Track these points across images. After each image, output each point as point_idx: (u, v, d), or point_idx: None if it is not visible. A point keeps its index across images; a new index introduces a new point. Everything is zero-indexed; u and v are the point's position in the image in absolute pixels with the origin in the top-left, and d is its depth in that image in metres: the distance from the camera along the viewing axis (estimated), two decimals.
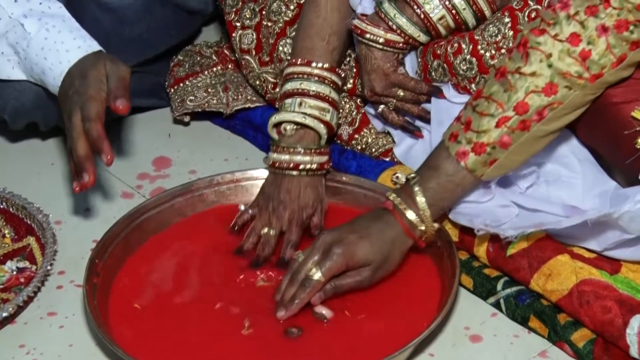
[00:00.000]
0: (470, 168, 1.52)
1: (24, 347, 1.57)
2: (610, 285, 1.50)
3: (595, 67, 1.47)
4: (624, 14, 1.45)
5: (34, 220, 1.76)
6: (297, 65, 1.74)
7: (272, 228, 1.67)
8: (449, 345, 1.54)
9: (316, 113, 1.71)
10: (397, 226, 1.55)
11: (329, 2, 1.75)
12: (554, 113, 1.49)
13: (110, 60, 1.64)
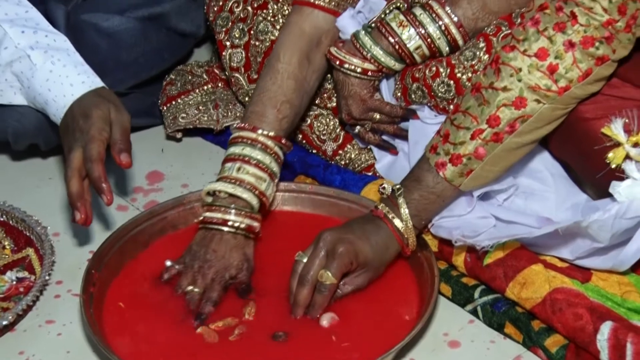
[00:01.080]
0: (449, 178, 1.53)
1: (23, 354, 1.56)
2: (581, 294, 1.50)
3: (562, 81, 1.47)
4: (591, 31, 1.46)
5: (32, 232, 1.76)
6: (244, 129, 1.67)
7: (197, 286, 1.59)
8: (429, 351, 1.54)
9: (252, 180, 1.63)
10: (389, 231, 1.56)
11: (286, 70, 1.70)
12: (525, 126, 1.50)
13: (115, 106, 1.64)
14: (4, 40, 1.70)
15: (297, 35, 1.73)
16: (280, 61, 1.71)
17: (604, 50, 1.47)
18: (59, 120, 1.66)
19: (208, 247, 1.62)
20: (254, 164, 1.63)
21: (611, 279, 1.55)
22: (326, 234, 1.54)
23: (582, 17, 1.45)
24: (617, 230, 1.45)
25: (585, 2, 1.45)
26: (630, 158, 1.49)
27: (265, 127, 1.66)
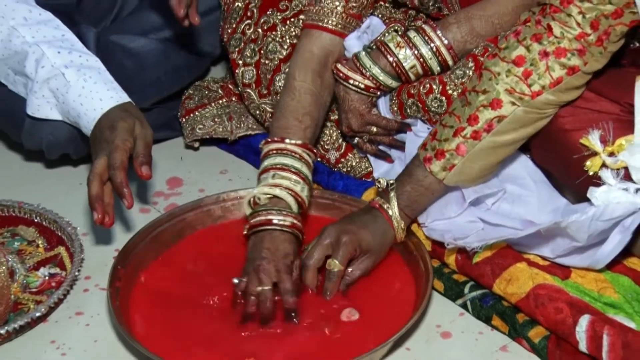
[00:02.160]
0: (434, 172, 1.54)
1: (54, 343, 1.57)
2: (562, 289, 1.50)
3: (535, 85, 1.48)
4: (564, 43, 1.46)
5: (64, 232, 1.76)
6: (272, 142, 1.66)
7: (264, 285, 1.53)
8: (423, 341, 1.54)
9: (286, 183, 1.60)
10: (384, 220, 1.58)
11: (302, 87, 1.70)
12: (501, 126, 1.51)
13: (139, 121, 1.64)
14: (42, 59, 1.70)
15: (308, 57, 1.74)
16: (296, 80, 1.71)
17: (575, 61, 1.47)
18: (89, 132, 1.67)
19: (261, 248, 1.57)
20: (286, 170, 1.63)
21: (589, 276, 1.55)
22: (330, 228, 1.56)
23: (557, 30, 1.46)
24: (593, 231, 1.45)
25: (561, 16, 1.46)
26: (606, 166, 1.49)
27: (291, 137, 1.66)
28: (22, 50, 1.72)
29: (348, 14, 1.74)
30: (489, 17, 1.71)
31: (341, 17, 1.74)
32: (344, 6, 1.73)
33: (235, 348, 1.50)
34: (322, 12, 1.74)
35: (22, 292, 1.64)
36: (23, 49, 1.71)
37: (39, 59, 1.70)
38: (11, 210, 1.82)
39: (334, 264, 1.54)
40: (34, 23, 1.73)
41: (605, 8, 1.44)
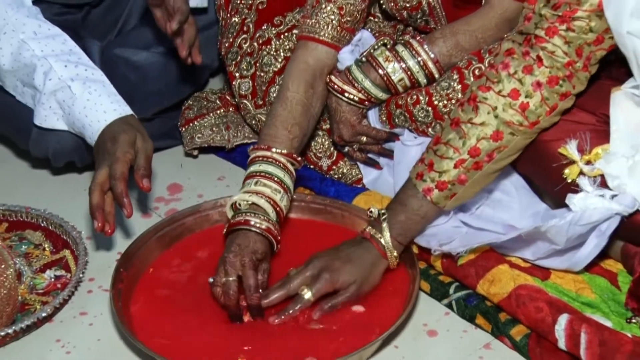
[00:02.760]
0: (435, 201, 1.52)
1: (59, 342, 1.56)
2: (541, 290, 1.50)
3: (532, 116, 1.48)
4: (554, 71, 1.46)
5: (69, 236, 1.76)
6: (260, 149, 1.65)
7: (229, 276, 1.51)
8: (411, 339, 1.54)
9: (267, 192, 1.59)
10: (375, 251, 1.55)
11: (294, 97, 1.69)
12: (501, 155, 1.50)
13: (141, 134, 1.64)
14: (50, 72, 1.71)
15: (302, 68, 1.73)
16: (289, 90, 1.70)
17: (567, 87, 1.47)
18: (93, 142, 1.67)
19: (234, 242, 1.55)
20: (269, 178, 1.61)
21: (567, 277, 1.55)
22: (316, 260, 1.54)
23: (547, 60, 1.46)
24: (571, 235, 1.46)
25: (548, 47, 1.45)
26: (584, 174, 1.49)
27: (278, 146, 1.65)
28: (31, 63, 1.72)
29: (343, 27, 1.74)
30: (473, 31, 1.72)
31: (336, 31, 1.74)
32: (339, 20, 1.73)
33: (227, 346, 1.50)
34: (318, 25, 1.74)
35: (29, 293, 1.64)
36: (32, 62, 1.72)
37: (47, 71, 1.70)
38: (19, 215, 1.82)
39: (305, 291, 1.52)
40: (43, 37, 1.73)
41: (587, 37, 1.45)
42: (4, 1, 1.74)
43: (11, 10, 1.73)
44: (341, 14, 1.73)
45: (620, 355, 1.37)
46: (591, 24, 1.43)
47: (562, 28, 1.44)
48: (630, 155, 1.47)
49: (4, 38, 1.73)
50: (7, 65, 1.75)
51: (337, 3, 1.73)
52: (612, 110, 1.51)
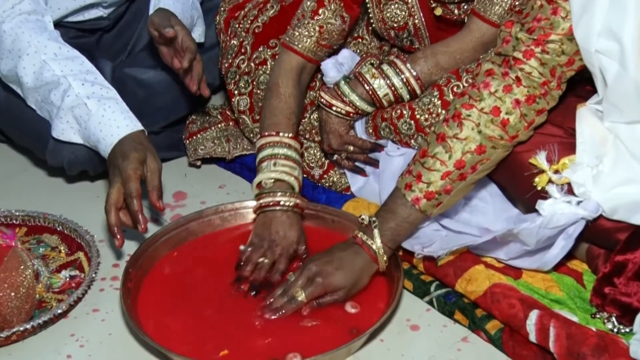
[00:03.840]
0: (423, 210, 1.52)
1: (74, 336, 1.56)
2: (514, 288, 1.51)
3: (512, 131, 1.48)
4: (532, 90, 1.46)
5: (83, 239, 1.75)
6: (268, 136, 1.72)
7: (267, 259, 1.62)
8: (395, 333, 1.54)
9: (287, 170, 1.68)
10: (365, 256, 1.55)
11: (286, 92, 1.76)
12: (483, 166, 1.50)
13: (151, 153, 1.65)
14: (68, 90, 1.71)
15: (288, 68, 1.78)
16: (280, 86, 1.76)
17: (542, 104, 1.48)
18: (106, 155, 1.68)
19: (270, 229, 1.64)
20: (284, 158, 1.69)
21: (537, 277, 1.55)
22: (311, 265, 1.54)
23: (525, 80, 1.46)
24: (541, 237, 1.46)
25: (525, 68, 1.46)
26: (552, 182, 1.50)
27: (284, 131, 1.71)
28: (51, 81, 1.72)
29: (320, 44, 1.77)
30: (452, 52, 1.72)
31: (314, 45, 1.78)
32: (317, 37, 1.77)
33: (222, 338, 1.50)
34: (300, 37, 1.77)
35: (45, 291, 1.64)
36: (53, 80, 1.72)
37: (66, 89, 1.71)
38: (37, 220, 1.81)
39: (299, 294, 1.52)
40: (63, 58, 1.74)
41: (560, 59, 1.45)
42: (28, 26, 1.74)
43: (35, 34, 1.74)
44: (320, 31, 1.76)
45: (585, 348, 1.37)
46: (563, 46, 1.44)
47: (538, 50, 1.44)
48: (595, 165, 1.48)
49: (27, 59, 1.73)
50: (29, 82, 1.75)
51: (319, 22, 1.76)
52: (578, 124, 1.52)
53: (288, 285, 1.54)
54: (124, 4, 2.08)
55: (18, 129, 1.99)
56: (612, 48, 1.39)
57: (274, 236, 1.64)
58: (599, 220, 1.47)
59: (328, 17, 1.76)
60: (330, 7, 1.76)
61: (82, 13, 1.98)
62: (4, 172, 2.09)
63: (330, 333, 1.49)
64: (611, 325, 1.44)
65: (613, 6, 1.37)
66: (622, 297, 1.43)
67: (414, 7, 1.77)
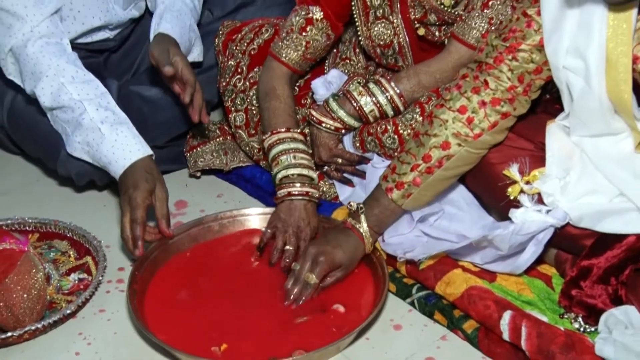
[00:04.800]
0: (394, 199, 1.54)
1: (82, 335, 1.56)
2: (489, 290, 1.51)
3: (476, 129, 1.49)
4: (498, 94, 1.48)
5: (90, 244, 1.75)
6: (280, 133, 1.72)
7: (291, 245, 1.65)
8: (380, 332, 1.54)
9: (307, 162, 1.70)
10: (355, 237, 1.57)
11: (283, 94, 1.77)
12: (449, 163, 1.51)
13: (159, 183, 1.66)
14: (84, 113, 1.71)
15: (279, 74, 1.80)
16: (278, 89, 1.78)
17: (507, 108, 1.49)
18: (117, 176, 1.69)
19: (296, 216, 1.67)
20: (301, 151, 1.71)
21: (510, 280, 1.55)
22: (310, 248, 1.56)
23: (492, 83, 1.48)
24: (513, 243, 1.47)
25: (494, 72, 1.47)
26: (524, 192, 1.51)
27: (292, 127, 1.73)
28: (68, 105, 1.72)
29: (305, 57, 1.79)
30: (432, 72, 1.73)
31: (299, 58, 1.80)
32: (303, 51, 1.78)
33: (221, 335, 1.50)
34: (286, 49, 1.78)
35: (56, 293, 1.63)
36: (69, 104, 1.72)
37: (81, 113, 1.71)
38: (48, 227, 1.81)
39: (311, 278, 1.54)
40: (79, 82, 1.74)
41: (529, 66, 1.47)
42: (49, 50, 1.73)
43: (54, 58, 1.73)
44: (307, 46, 1.77)
45: (554, 346, 1.37)
46: (532, 55, 1.46)
47: (508, 57, 1.46)
48: (562, 176, 1.49)
49: (46, 80, 1.73)
50: (47, 102, 1.75)
51: (306, 38, 1.77)
52: (547, 139, 1.53)
53: (297, 274, 1.55)
54: (129, 27, 2.08)
55: (31, 142, 1.98)
56: (578, 65, 1.41)
57: (300, 222, 1.66)
58: (567, 227, 1.48)
59: (315, 34, 1.77)
60: (317, 26, 1.77)
61: (90, 35, 1.97)
62: (17, 182, 2.09)
63: (322, 331, 1.49)
64: (578, 325, 1.44)
65: (580, 27, 1.39)
66: (587, 299, 1.44)
67: (399, 27, 1.78)
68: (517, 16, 1.47)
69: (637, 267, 1.41)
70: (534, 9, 1.45)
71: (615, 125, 1.46)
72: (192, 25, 1.94)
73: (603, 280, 1.43)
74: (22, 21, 1.71)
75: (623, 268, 1.42)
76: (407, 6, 1.75)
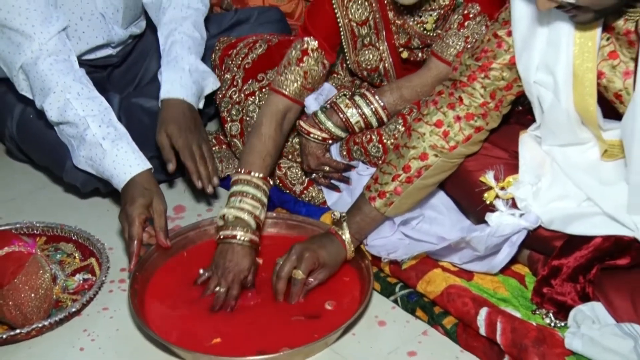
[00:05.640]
0: (377, 207, 1.54)
1: (86, 331, 1.56)
2: (467, 288, 1.51)
3: (452, 142, 1.50)
4: (472, 109, 1.49)
5: (94, 247, 1.75)
6: (241, 173, 1.65)
7: (222, 287, 1.56)
8: (365, 328, 1.54)
9: (250, 209, 1.60)
10: (338, 243, 1.56)
11: (267, 134, 1.70)
12: (428, 172, 1.51)
13: (157, 196, 1.65)
14: (87, 129, 1.71)
15: (274, 111, 1.73)
16: (263, 126, 1.70)
17: (480, 122, 1.50)
18: (119, 188, 1.68)
19: (225, 257, 1.58)
20: (250, 197, 1.62)
21: (486, 278, 1.56)
22: (296, 245, 1.55)
23: (466, 100, 1.49)
24: (489, 244, 1.47)
25: (468, 89, 1.48)
26: (499, 197, 1.52)
27: (256, 171, 1.65)
28: (73, 121, 1.72)
29: (304, 88, 1.76)
30: (413, 87, 1.74)
31: (298, 89, 1.75)
32: (302, 82, 1.75)
33: (215, 330, 1.50)
34: (286, 82, 1.75)
35: (62, 292, 1.63)
36: (74, 120, 1.72)
37: (85, 129, 1.71)
38: (55, 231, 1.81)
39: (298, 273, 1.53)
40: (84, 98, 1.73)
41: (500, 83, 1.48)
42: (58, 67, 1.72)
43: (62, 75, 1.72)
44: (305, 77, 1.75)
45: (527, 340, 1.38)
46: (503, 74, 1.47)
47: (481, 76, 1.47)
48: (534, 183, 1.50)
49: (54, 96, 1.72)
50: (54, 117, 1.75)
51: (304, 68, 1.74)
52: (520, 148, 1.54)
53: (279, 269, 1.53)
54: (130, 43, 2.09)
55: (39, 152, 1.98)
56: (548, 80, 1.42)
57: (228, 264, 1.57)
58: (538, 230, 1.49)
59: (312, 65, 1.75)
60: (313, 56, 1.75)
61: (94, 52, 1.97)
62: (26, 188, 2.08)
63: (312, 327, 1.50)
64: (549, 320, 1.45)
65: (549, 45, 1.40)
66: (558, 296, 1.44)
67: (385, 53, 1.79)
68: (488, 37, 1.48)
69: (604, 266, 1.42)
70: (504, 30, 1.46)
71: (582, 135, 1.47)
72: (194, 65, 1.87)
73: (572, 279, 1.44)
74: (31, 39, 1.71)
75: (590, 267, 1.42)
76: (392, 33, 1.76)
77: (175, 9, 1.92)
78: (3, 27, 1.70)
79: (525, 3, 1.41)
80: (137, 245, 1.61)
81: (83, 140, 1.72)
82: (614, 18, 1.34)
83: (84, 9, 1.87)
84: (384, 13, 1.75)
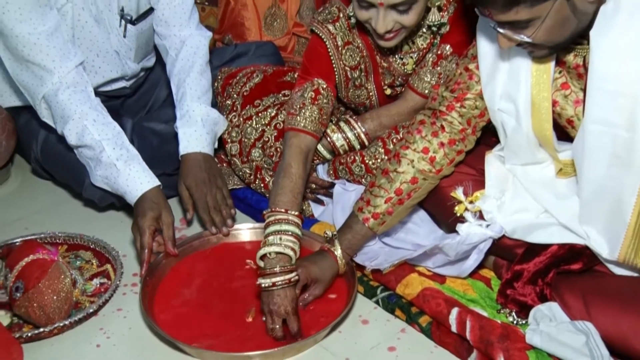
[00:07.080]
0: (371, 227, 1.53)
1: (102, 330, 1.56)
2: (440, 291, 1.51)
3: (438, 166, 1.50)
4: (453, 135, 1.49)
5: (110, 254, 1.74)
6: (278, 212, 1.56)
7: (275, 324, 1.47)
8: (350, 326, 1.54)
9: (290, 244, 1.52)
10: (331, 259, 1.55)
11: (296, 173, 1.62)
12: (416, 194, 1.52)
13: (165, 210, 1.66)
14: (103, 152, 1.72)
15: (298, 152, 1.66)
16: (292, 167, 1.63)
17: (461, 146, 1.51)
18: (132, 203, 1.69)
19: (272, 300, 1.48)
20: (289, 234, 1.54)
21: (457, 282, 1.56)
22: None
23: (447, 128, 1.50)
24: (459, 251, 1.48)
25: (448, 118, 1.49)
26: (468, 210, 1.52)
27: (291, 209, 1.57)
28: (90, 144, 1.73)
29: (322, 123, 1.71)
30: (392, 115, 1.76)
31: (317, 125, 1.69)
32: (319, 118, 1.70)
33: (219, 329, 1.50)
34: (305, 121, 1.69)
35: (81, 295, 1.63)
36: (91, 144, 1.72)
37: (101, 151, 1.72)
38: (75, 240, 1.81)
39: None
40: (100, 124, 1.74)
41: (474, 112, 1.49)
42: (76, 97, 1.73)
43: (80, 104, 1.73)
44: (321, 113, 1.71)
45: (493, 336, 1.38)
46: (477, 103, 1.48)
47: (458, 105, 1.48)
48: (499, 197, 1.51)
49: (73, 123, 1.73)
50: (73, 141, 1.76)
51: (318, 105, 1.71)
52: (486, 166, 1.55)
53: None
54: (142, 76, 2.09)
55: (60, 172, 1.98)
56: (510, 108, 1.43)
57: (277, 300, 1.47)
58: (502, 238, 1.50)
59: (324, 102, 1.72)
60: (324, 94, 1.72)
61: (110, 85, 1.98)
62: (49, 202, 2.07)
63: (303, 324, 1.49)
64: (512, 318, 1.45)
65: (510, 77, 1.41)
66: (520, 297, 1.45)
67: (372, 92, 1.81)
68: (460, 71, 1.50)
69: (559, 270, 1.42)
70: (474, 64, 1.47)
71: (540, 155, 1.48)
72: (205, 114, 1.84)
73: (532, 282, 1.44)
74: (51, 73, 1.71)
75: (548, 272, 1.43)
76: (379, 75, 1.78)
77: (183, 60, 1.92)
78: (27, 62, 1.71)
79: (489, 42, 1.43)
80: (148, 253, 1.61)
81: (99, 161, 1.73)
82: (565, 53, 1.37)
83: (100, 47, 1.88)
84: (373, 58, 1.76)
